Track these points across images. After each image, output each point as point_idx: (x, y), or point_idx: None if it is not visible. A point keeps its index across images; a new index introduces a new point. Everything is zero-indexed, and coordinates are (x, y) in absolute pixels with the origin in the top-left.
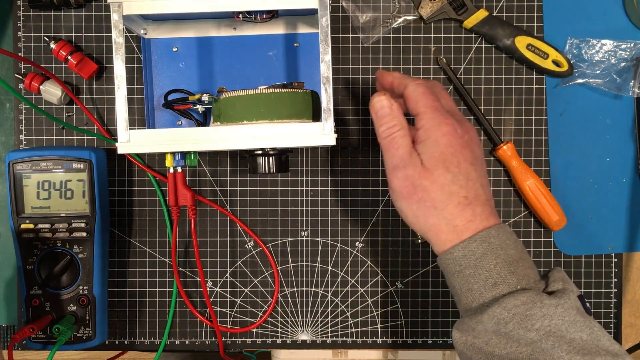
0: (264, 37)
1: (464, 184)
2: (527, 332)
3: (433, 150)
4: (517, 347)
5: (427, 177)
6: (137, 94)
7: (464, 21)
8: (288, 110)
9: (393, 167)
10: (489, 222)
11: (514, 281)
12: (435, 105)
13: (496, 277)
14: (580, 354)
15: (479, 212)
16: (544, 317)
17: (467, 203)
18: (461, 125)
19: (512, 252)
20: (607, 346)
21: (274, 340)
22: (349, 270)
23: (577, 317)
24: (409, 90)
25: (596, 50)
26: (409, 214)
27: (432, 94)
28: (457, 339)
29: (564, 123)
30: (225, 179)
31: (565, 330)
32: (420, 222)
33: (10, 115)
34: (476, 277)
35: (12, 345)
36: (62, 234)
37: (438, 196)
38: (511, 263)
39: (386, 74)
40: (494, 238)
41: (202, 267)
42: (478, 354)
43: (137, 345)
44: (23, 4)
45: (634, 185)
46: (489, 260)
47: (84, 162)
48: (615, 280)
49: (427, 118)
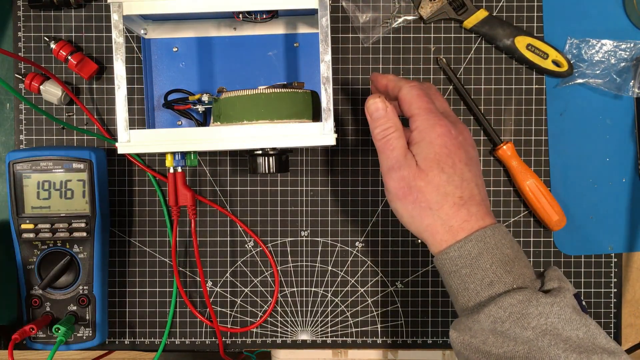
0: (264, 37)
1: (459, 184)
2: (523, 330)
3: (428, 151)
4: (513, 346)
5: (422, 178)
6: (137, 94)
7: (464, 21)
8: (288, 110)
9: (388, 169)
10: (484, 222)
11: (510, 280)
12: (429, 107)
13: (492, 277)
14: (576, 352)
15: (475, 212)
16: (540, 315)
17: (462, 203)
18: (455, 126)
19: (508, 252)
20: (603, 344)
21: (274, 340)
22: (349, 270)
23: (573, 315)
24: (403, 92)
25: (596, 50)
26: (404, 214)
27: (426, 96)
28: (454, 338)
29: (564, 123)
30: (225, 179)
31: (561, 329)
32: (416, 222)
33: (10, 115)
34: (472, 277)
35: (12, 345)
36: (62, 234)
37: (433, 197)
38: (507, 262)
39: (380, 77)
40: (489, 238)
41: (202, 267)
42: (475, 353)
43: (137, 345)
44: (23, 4)
45: (634, 185)
46: (485, 259)
47: (84, 162)
48: (615, 280)
49: (421, 120)
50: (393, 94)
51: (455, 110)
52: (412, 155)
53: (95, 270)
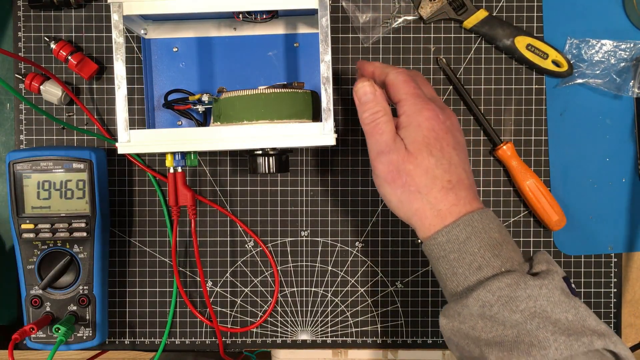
0: (264, 37)
1: (447, 168)
2: (512, 313)
3: (416, 134)
4: (502, 330)
5: (411, 162)
6: (137, 94)
7: (463, 21)
8: (288, 110)
9: (377, 153)
10: (471, 207)
11: (498, 264)
12: (417, 92)
13: (480, 260)
14: (565, 334)
15: (463, 197)
16: (528, 298)
17: (451, 187)
18: (443, 111)
19: (496, 235)
20: (593, 326)
21: (274, 340)
22: (349, 270)
23: (561, 297)
24: (390, 78)
25: (596, 50)
26: (393, 199)
27: (413, 82)
28: (443, 325)
29: (564, 123)
30: (225, 179)
31: (550, 311)
32: (404, 207)
33: (10, 115)
34: (460, 261)
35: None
36: (62, 234)
37: (422, 180)
38: (495, 246)
39: (367, 64)
40: (477, 222)
41: (202, 267)
42: (465, 339)
43: (137, 345)
44: (23, 4)
45: (634, 185)
46: (473, 243)
47: (84, 162)
48: (615, 280)
49: (408, 104)
50: (380, 80)
51: (455, 110)
52: (401, 139)
53: (95, 270)
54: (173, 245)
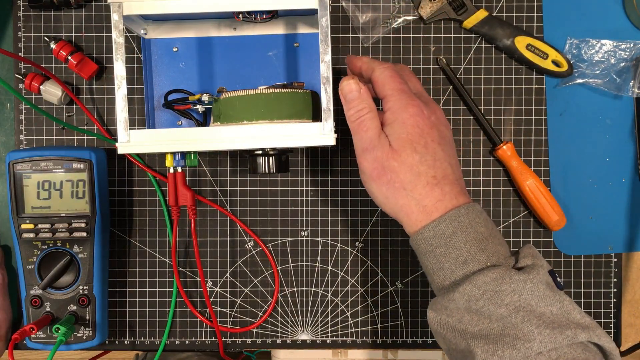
0: (264, 37)
1: (432, 163)
2: (497, 307)
3: (400, 131)
4: (488, 324)
5: (396, 158)
6: (137, 94)
7: (463, 21)
8: (288, 110)
9: (362, 150)
10: (458, 201)
11: (484, 258)
12: (402, 88)
13: (466, 255)
14: (549, 328)
15: (448, 191)
16: (513, 292)
17: (436, 183)
18: (427, 106)
19: (482, 230)
20: (577, 319)
21: (274, 340)
22: (349, 270)
23: (546, 291)
24: (376, 73)
25: (596, 50)
26: (379, 195)
27: (398, 77)
28: (431, 318)
29: (564, 123)
30: (225, 179)
31: (535, 305)
32: (390, 203)
33: (10, 115)
34: (447, 256)
35: (12, 345)
36: (62, 234)
37: (407, 177)
38: (481, 240)
39: (355, 59)
40: (463, 217)
41: (202, 267)
42: (452, 332)
43: (137, 345)
44: (23, 4)
45: (634, 185)
46: (459, 238)
47: (84, 162)
48: (615, 280)
49: (393, 100)
50: (367, 75)
51: (455, 110)
52: (386, 135)
53: (95, 270)
54: (173, 245)
